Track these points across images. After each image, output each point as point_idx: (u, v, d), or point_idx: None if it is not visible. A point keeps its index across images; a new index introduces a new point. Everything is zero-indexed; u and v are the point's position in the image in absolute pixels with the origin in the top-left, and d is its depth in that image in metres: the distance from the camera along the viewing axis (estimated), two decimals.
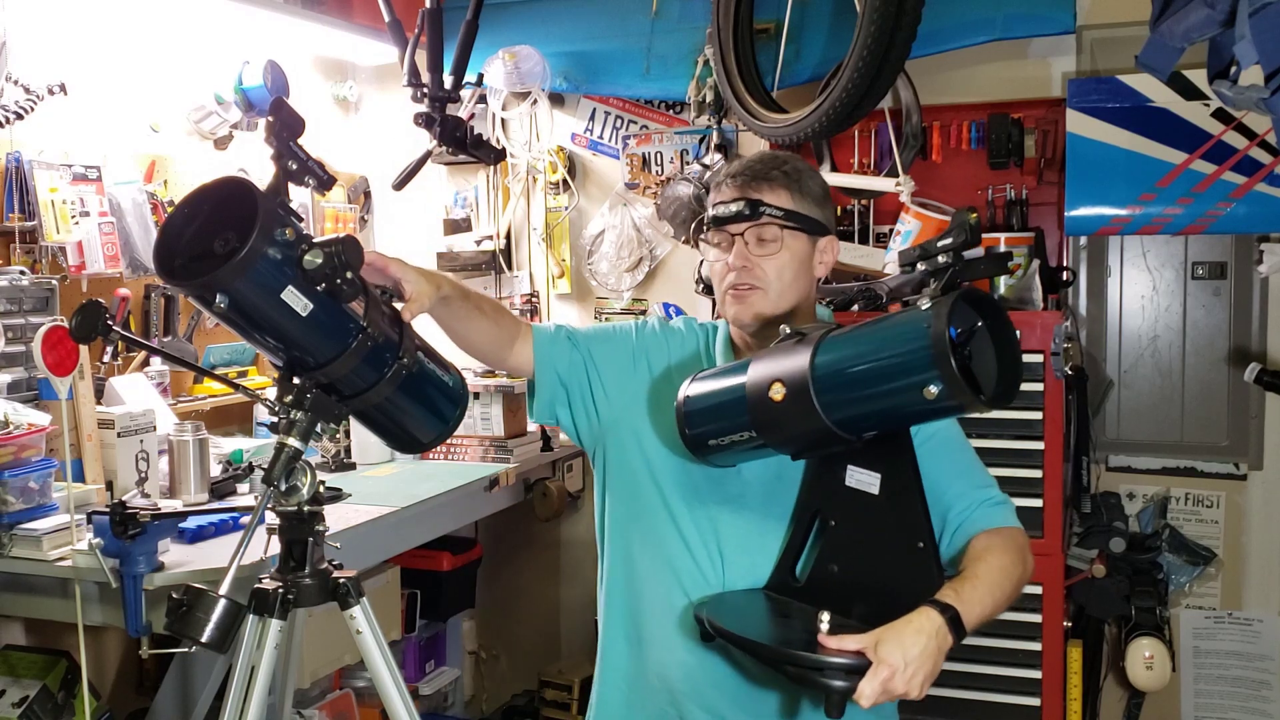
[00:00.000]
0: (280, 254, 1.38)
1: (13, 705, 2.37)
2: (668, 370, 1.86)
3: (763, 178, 1.78)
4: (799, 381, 1.53)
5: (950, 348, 1.38)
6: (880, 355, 1.50)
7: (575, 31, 3.46)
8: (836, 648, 1.48)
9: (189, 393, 3.03)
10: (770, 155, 1.86)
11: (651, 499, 1.81)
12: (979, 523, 1.69)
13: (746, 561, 1.74)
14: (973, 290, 1.49)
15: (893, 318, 1.54)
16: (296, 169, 1.47)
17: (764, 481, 1.76)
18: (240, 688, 1.62)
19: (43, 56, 2.68)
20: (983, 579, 1.58)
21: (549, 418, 1.90)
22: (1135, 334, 3.17)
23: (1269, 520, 3.08)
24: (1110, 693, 3.17)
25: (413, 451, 1.72)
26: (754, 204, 1.75)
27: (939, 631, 1.49)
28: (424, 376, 1.64)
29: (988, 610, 1.57)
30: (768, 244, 1.77)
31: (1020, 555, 1.66)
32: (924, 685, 1.48)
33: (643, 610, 1.82)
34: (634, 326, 1.93)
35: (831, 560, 1.66)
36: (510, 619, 3.84)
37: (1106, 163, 2.81)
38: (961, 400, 1.41)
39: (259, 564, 1.76)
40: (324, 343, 1.48)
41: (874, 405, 1.53)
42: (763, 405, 1.57)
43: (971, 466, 1.78)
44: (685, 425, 1.68)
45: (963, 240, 1.50)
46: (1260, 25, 1.57)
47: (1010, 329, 1.50)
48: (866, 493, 1.61)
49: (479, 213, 3.74)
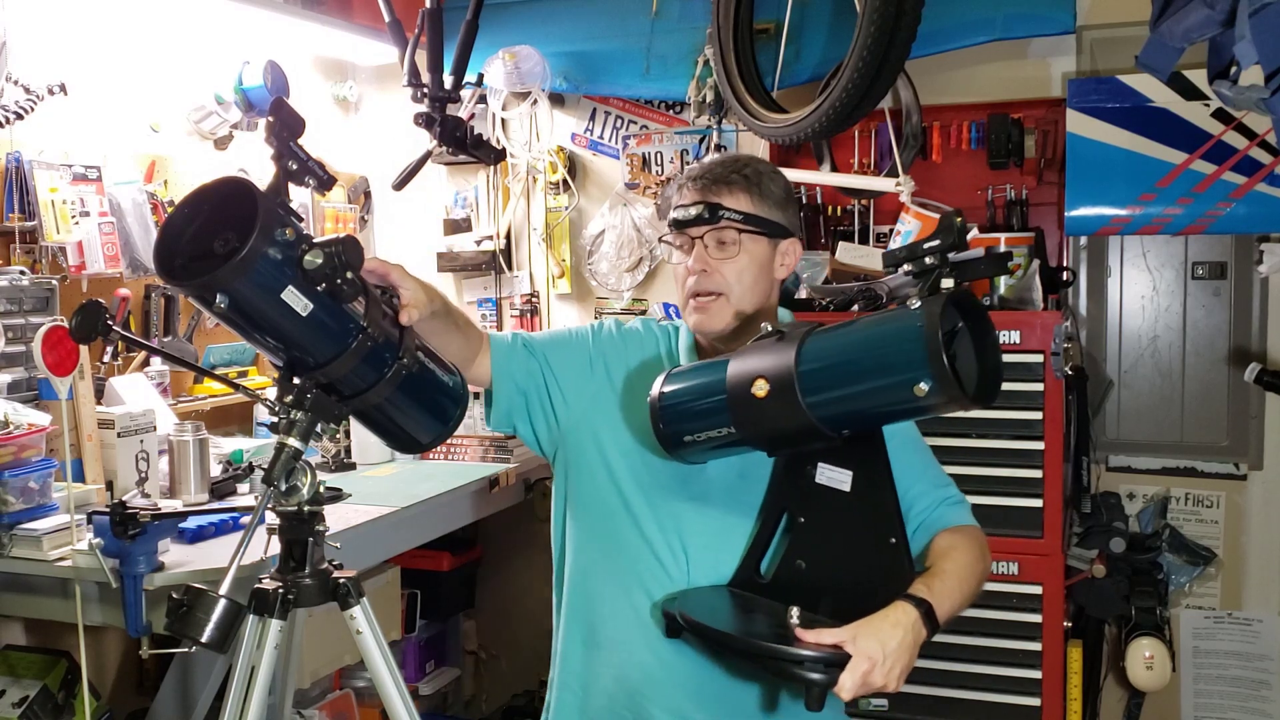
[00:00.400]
0: (280, 254, 1.38)
1: (13, 705, 2.37)
2: (627, 372, 1.87)
3: (722, 181, 1.78)
4: (783, 378, 1.53)
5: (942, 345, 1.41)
6: (870, 351, 1.52)
7: (575, 31, 3.46)
8: (814, 641, 1.49)
9: (189, 393, 3.03)
10: (731, 158, 1.87)
11: (611, 500, 1.80)
12: (941, 521, 1.73)
13: (711, 559, 1.75)
14: (960, 292, 1.51)
15: (880, 316, 1.56)
16: (296, 169, 1.47)
17: (727, 479, 1.76)
18: (240, 688, 1.62)
19: (43, 56, 2.68)
20: (951, 574, 1.61)
21: (506, 427, 1.90)
22: (1135, 334, 3.17)
23: (1269, 520, 3.08)
24: (1110, 693, 3.17)
25: (413, 452, 1.72)
26: (713, 207, 1.76)
27: (915, 625, 1.52)
28: (424, 377, 1.64)
29: (957, 604, 1.60)
30: (727, 247, 1.77)
31: (982, 552, 1.71)
32: (901, 678, 1.50)
33: (600, 613, 1.81)
34: (590, 330, 1.93)
35: (799, 557, 1.67)
36: (510, 619, 3.84)
37: (1106, 163, 2.81)
38: (950, 397, 1.43)
39: (259, 564, 1.76)
40: (324, 343, 1.48)
41: (859, 402, 1.54)
42: (744, 401, 1.57)
43: (930, 466, 1.81)
44: (660, 421, 1.68)
45: (950, 242, 1.53)
46: (1260, 25, 1.57)
47: (992, 330, 1.54)
48: (837, 490, 1.62)
49: (479, 213, 3.74)
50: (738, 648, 1.60)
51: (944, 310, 1.45)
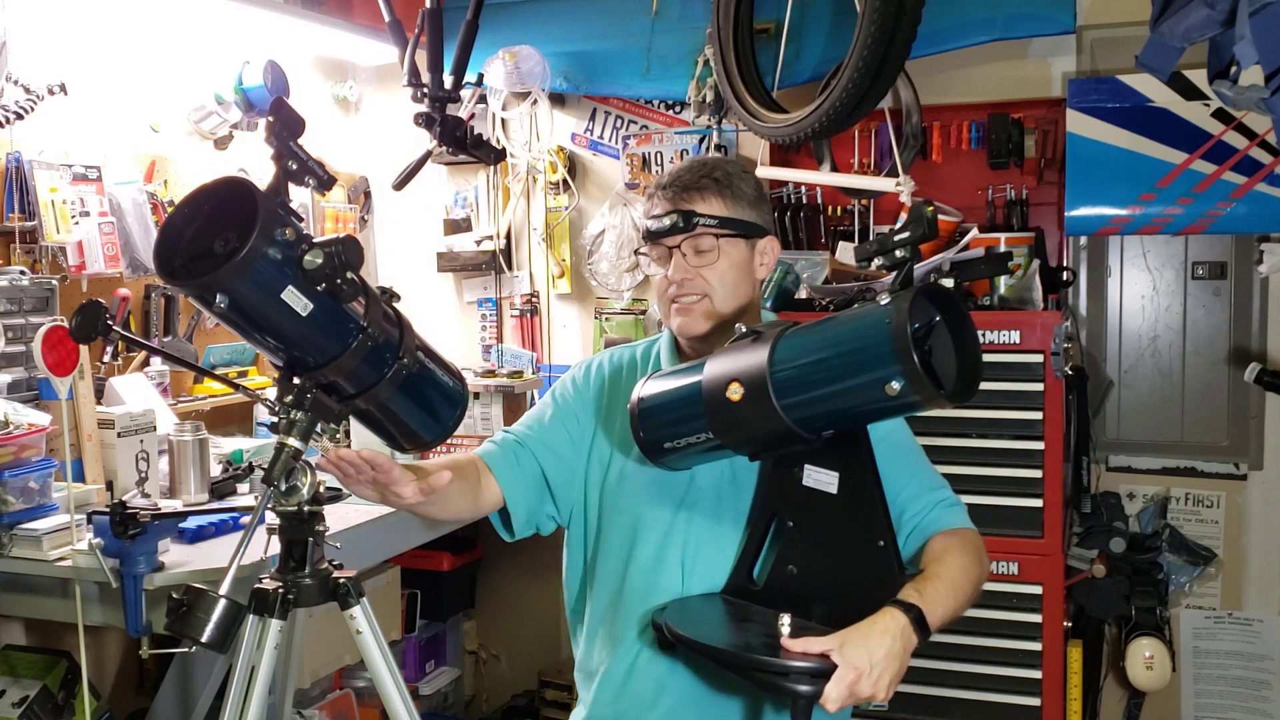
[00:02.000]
0: (280, 254, 1.38)
1: (13, 705, 2.37)
2: (606, 392, 1.85)
3: (693, 187, 1.76)
4: (757, 380, 1.51)
5: (911, 342, 1.37)
6: (840, 351, 1.48)
7: (575, 31, 3.46)
8: (800, 651, 1.45)
9: (189, 393, 3.03)
10: (699, 163, 1.84)
11: (606, 511, 1.79)
12: (935, 524, 1.69)
13: (705, 567, 1.73)
14: (931, 285, 1.48)
15: (850, 313, 1.52)
16: (297, 169, 1.47)
17: (717, 487, 1.74)
18: (240, 688, 1.62)
19: (43, 56, 2.68)
20: (944, 578, 1.57)
21: (529, 531, 1.85)
22: (1135, 334, 3.17)
23: (1269, 520, 3.08)
24: (1110, 693, 3.17)
25: (413, 452, 1.72)
26: (687, 215, 1.74)
27: (904, 632, 1.48)
28: (424, 377, 1.64)
29: (950, 610, 1.56)
30: (705, 254, 1.75)
31: (978, 556, 1.66)
32: (890, 687, 1.46)
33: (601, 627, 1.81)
34: (564, 388, 1.90)
35: (790, 561, 1.64)
36: (510, 619, 3.84)
37: (1106, 163, 2.81)
38: (923, 395, 1.40)
39: (259, 564, 1.76)
40: (324, 342, 1.48)
41: (834, 403, 1.51)
42: (720, 406, 1.54)
43: (922, 468, 1.77)
44: (640, 428, 1.65)
45: (920, 233, 1.49)
46: (1260, 25, 1.57)
47: (969, 323, 1.49)
48: (825, 492, 1.59)
49: (479, 213, 3.74)
50: (723, 659, 1.56)
51: (914, 305, 1.40)
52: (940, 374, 1.45)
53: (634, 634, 1.75)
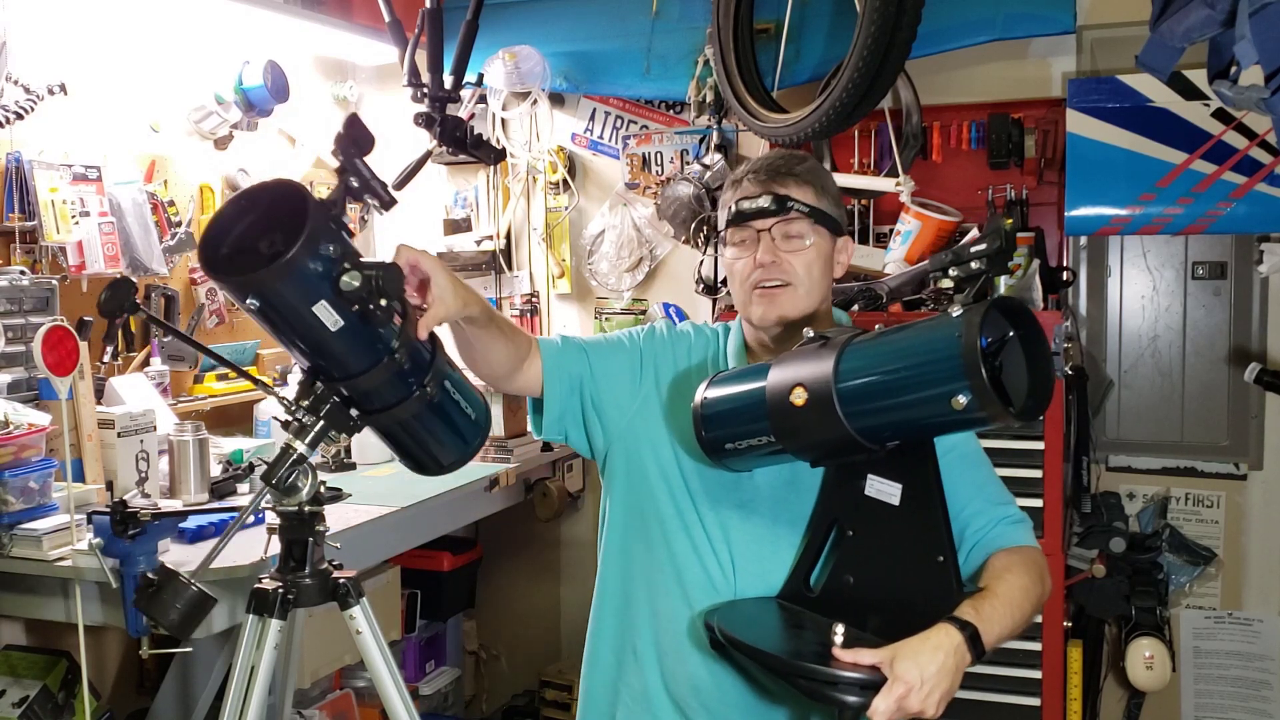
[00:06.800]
0: (321, 267, 1.36)
1: (13, 705, 2.37)
2: (675, 376, 1.81)
3: (787, 173, 1.73)
4: (822, 387, 1.48)
5: (981, 358, 1.33)
6: (908, 363, 1.45)
7: (575, 31, 3.46)
8: (851, 661, 1.43)
9: (189, 392, 3.03)
10: (789, 153, 1.81)
11: (658, 507, 1.75)
12: (998, 540, 1.65)
13: (758, 569, 1.70)
14: (1006, 299, 1.44)
15: (921, 324, 1.48)
16: (358, 186, 1.45)
17: (775, 487, 1.72)
18: (240, 688, 1.62)
19: (43, 56, 2.68)
20: (1003, 597, 1.54)
21: (558, 434, 1.82)
22: (1135, 334, 3.17)
23: (1269, 520, 3.08)
24: (1110, 693, 3.17)
25: (428, 474, 1.71)
26: (781, 199, 1.70)
27: (957, 649, 1.45)
28: (446, 405, 1.61)
29: (1007, 629, 1.53)
30: (794, 240, 1.72)
31: (1040, 575, 1.63)
32: (941, 704, 1.44)
33: (640, 624, 1.77)
34: (640, 333, 1.87)
35: (847, 571, 1.61)
36: (510, 619, 3.84)
37: (1106, 163, 2.81)
38: (991, 412, 1.36)
39: (259, 564, 1.76)
40: (350, 359, 1.46)
41: (899, 414, 1.48)
42: (783, 410, 1.52)
43: (989, 482, 1.74)
44: (702, 428, 1.64)
45: (997, 246, 1.45)
46: (1260, 25, 1.57)
47: (1043, 340, 1.44)
48: (886, 503, 1.56)
49: (479, 213, 3.74)
50: (771, 665, 1.54)
51: (987, 318, 1.37)
52: (1010, 390, 1.41)
53: (683, 628, 1.72)
